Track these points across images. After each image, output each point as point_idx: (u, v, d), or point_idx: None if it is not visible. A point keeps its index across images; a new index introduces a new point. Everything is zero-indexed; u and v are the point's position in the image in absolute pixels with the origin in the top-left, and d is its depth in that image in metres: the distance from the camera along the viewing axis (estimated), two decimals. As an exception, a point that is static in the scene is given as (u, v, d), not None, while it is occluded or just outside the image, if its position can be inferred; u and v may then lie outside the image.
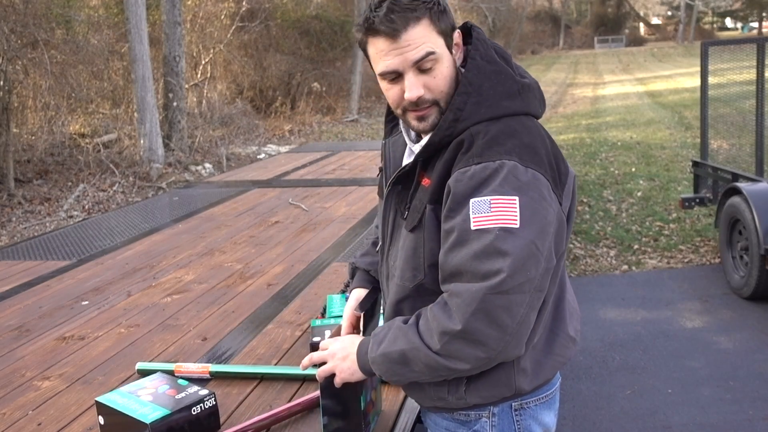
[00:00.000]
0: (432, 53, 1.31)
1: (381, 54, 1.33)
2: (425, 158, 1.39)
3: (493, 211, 1.25)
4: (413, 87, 1.33)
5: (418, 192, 1.40)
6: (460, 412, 1.47)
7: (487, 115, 1.34)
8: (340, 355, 1.45)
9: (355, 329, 1.62)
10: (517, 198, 1.25)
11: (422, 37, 1.30)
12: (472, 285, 1.25)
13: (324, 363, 1.48)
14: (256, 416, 1.73)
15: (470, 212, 1.26)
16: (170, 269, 3.26)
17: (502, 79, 1.37)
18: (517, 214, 1.25)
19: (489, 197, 1.26)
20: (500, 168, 1.27)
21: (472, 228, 1.26)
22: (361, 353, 1.41)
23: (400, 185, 1.46)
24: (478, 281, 1.24)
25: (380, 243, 1.57)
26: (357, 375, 1.43)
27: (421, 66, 1.32)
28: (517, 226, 1.24)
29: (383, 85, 1.38)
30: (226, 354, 2.23)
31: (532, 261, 1.25)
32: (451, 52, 1.37)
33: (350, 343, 1.46)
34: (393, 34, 1.30)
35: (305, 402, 1.77)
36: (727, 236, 5.36)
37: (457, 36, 1.38)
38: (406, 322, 1.36)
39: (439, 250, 1.34)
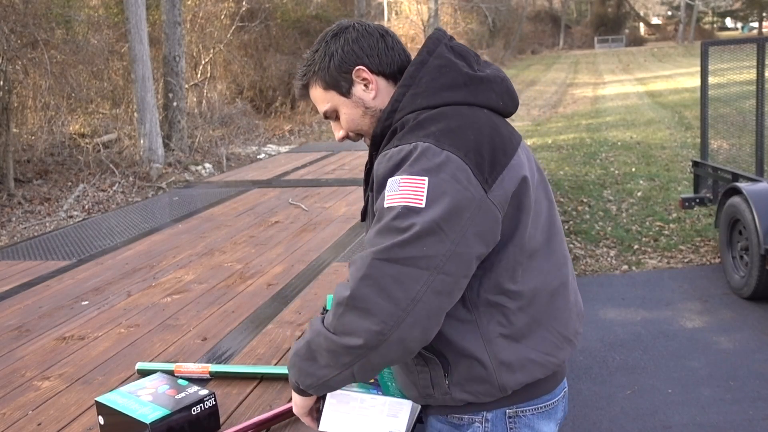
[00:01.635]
0: (326, 110, 1.51)
1: None
2: (377, 152, 1.46)
3: (400, 190, 1.27)
4: (335, 131, 1.55)
5: None
6: (453, 416, 1.46)
7: (422, 105, 1.38)
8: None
9: None
10: (426, 178, 1.26)
11: (318, 98, 1.50)
12: (362, 255, 1.26)
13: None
14: (256, 416, 1.73)
15: (386, 191, 1.29)
16: (170, 269, 3.26)
17: (445, 71, 1.41)
18: (424, 194, 1.25)
19: (400, 177, 1.28)
20: (414, 150, 1.30)
21: (385, 206, 1.28)
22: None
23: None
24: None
25: None
26: (300, 400, 1.47)
27: (330, 117, 1.52)
28: (422, 206, 1.25)
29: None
30: (226, 354, 2.23)
31: (431, 239, 1.23)
32: (349, 94, 1.47)
33: None
34: (304, 96, 1.54)
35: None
36: (727, 236, 5.36)
37: (361, 72, 1.45)
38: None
39: None
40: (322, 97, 1.49)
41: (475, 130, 1.35)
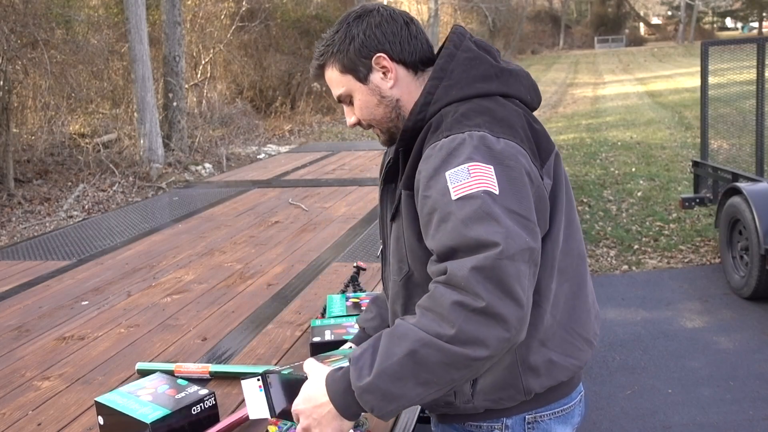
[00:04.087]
0: (340, 94, 1.43)
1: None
2: (405, 148, 1.38)
3: (473, 176, 1.18)
4: (347, 116, 1.47)
5: None
6: (471, 423, 1.40)
7: (458, 96, 1.33)
8: (311, 413, 1.25)
9: None
10: (492, 167, 1.20)
11: (333, 80, 1.43)
12: (475, 257, 1.13)
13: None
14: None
15: (448, 184, 1.19)
16: (170, 269, 3.26)
17: (476, 63, 1.36)
18: (495, 181, 1.18)
19: (466, 164, 1.19)
20: (469, 138, 1.23)
21: (454, 199, 1.17)
22: (339, 392, 1.21)
23: (390, 183, 1.45)
24: (477, 251, 1.13)
25: (381, 246, 1.54)
26: (338, 426, 1.24)
27: (343, 101, 1.45)
28: (497, 193, 1.17)
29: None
30: (226, 354, 2.23)
31: (525, 230, 1.17)
32: (366, 80, 1.40)
33: (315, 389, 1.26)
34: (318, 77, 1.46)
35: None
36: (727, 236, 5.36)
37: (381, 59, 1.38)
38: (381, 334, 1.21)
39: (417, 238, 1.29)
40: (337, 80, 1.42)
41: (518, 119, 1.32)
